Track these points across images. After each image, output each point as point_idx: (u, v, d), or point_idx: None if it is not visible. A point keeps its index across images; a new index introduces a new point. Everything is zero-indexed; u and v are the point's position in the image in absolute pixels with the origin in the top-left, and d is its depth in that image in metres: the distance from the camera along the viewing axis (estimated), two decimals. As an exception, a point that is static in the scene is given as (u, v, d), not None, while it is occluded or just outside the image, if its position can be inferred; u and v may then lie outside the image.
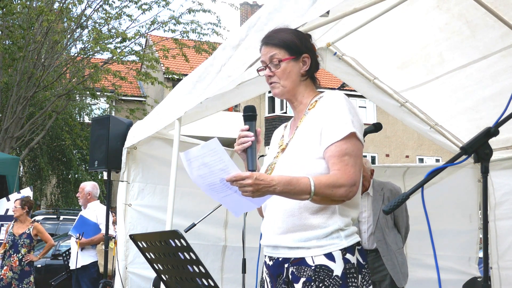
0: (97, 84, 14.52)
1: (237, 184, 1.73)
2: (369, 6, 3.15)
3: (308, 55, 2.03)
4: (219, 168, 1.76)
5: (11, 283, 6.47)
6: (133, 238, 2.03)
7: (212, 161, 1.76)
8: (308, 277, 1.88)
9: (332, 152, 1.88)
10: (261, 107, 24.71)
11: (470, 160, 3.98)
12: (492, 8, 3.46)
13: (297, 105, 2.09)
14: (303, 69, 2.03)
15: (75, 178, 19.03)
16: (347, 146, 1.88)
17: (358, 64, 4.59)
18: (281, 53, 2.01)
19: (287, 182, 1.78)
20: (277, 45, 2.02)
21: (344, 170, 1.86)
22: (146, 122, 4.49)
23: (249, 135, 1.97)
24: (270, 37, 2.05)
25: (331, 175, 1.86)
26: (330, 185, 1.83)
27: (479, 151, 1.69)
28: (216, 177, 1.78)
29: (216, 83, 3.39)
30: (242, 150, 1.97)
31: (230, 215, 5.11)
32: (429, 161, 25.43)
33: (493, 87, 4.20)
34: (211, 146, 1.75)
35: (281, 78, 2.03)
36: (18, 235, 6.61)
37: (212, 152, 1.75)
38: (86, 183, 6.51)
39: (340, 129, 1.89)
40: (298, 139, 2.01)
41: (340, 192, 1.84)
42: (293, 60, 2.01)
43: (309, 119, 2.01)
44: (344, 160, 1.87)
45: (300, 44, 2.02)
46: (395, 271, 4.44)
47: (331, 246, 1.89)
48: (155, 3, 14.20)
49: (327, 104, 1.97)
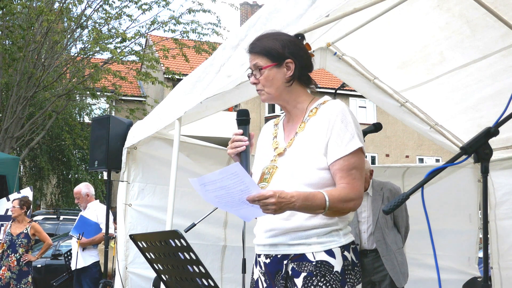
0: (97, 84, 14.52)
1: (260, 203, 1.77)
2: (369, 6, 3.14)
3: (292, 60, 2.02)
4: (239, 189, 1.77)
5: (9, 283, 6.45)
6: (133, 238, 2.03)
7: (231, 184, 1.76)
8: (309, 272, 1.91)
9: (341, 165, 1.94)
10: (261, 107, 24.72)
11: (470, 160, 3.99)
12: (492, 8, 3.46)
13: (290, 109, 2.10)
14: (287, 74, 2.03)
15: (75, 178, 19.05)
16: (355, 160, 1.95)
17: (358, 64, 4.59)
18: (263, 60, 2.03)
19: (305, 198, 1.84)
20: (259, 53, 2.04)
21: (352, 184, 1.93)
22: (146, 122, 4.49)
23: (243, 139, 1.99)
24: (253, 45, 2.07)
25: (341, 190, 1.92)
26: (342, 200, 1.90)
27: (479, 151, 1.69)
28: (235, 197, 1.79)
29: (215, 83, 3.39)
30: (235, 154, 1.99)
31: (229, 215, 5.10)
32: (429, 161, 25.45)
33: (493, 87, 4.20)
34: (231, 171, 1.74)
35: (264, 85, 2.05)
36: (15, 235, 6.59)
37: (232, 176, 1.75)
38: (79, 187, 6.46)
39: (349, 144, 1.94)
40: (299, 147, 2.01)
41: (349, 206, 1.93)
42: (275, 67, 2.02)
43: (311, 127, 2.01)
44: (351, 174, 1.94)
45: (283, 49, 2.01)
46: (394, 271, 4.43)
47: (331, 243, 1.94)
48: (155, 3, 14.21)
49: (332, 116, 1.98)
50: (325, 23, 3.09)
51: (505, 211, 5.06)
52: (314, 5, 2.68)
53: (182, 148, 4.26)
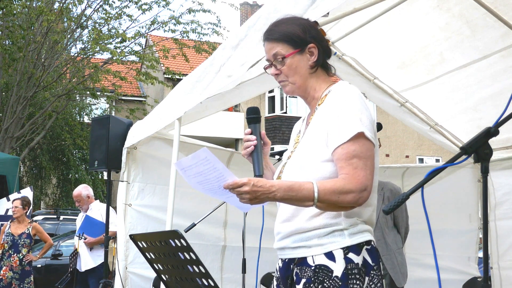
0: (97, 84, 14.53)
1: (234, 191, 1.68)
2: (369, 6, 3.14)
3: (315, 45, 1.88)
4: (214, 176, 1.71)
5: (11, 283, 6.46)
6: (133, 238, 2.03)
7: (206, 170, 1.70)
8: (308, 278, 1.79)
9: (340, 155, 1.75)
10: (261, 107, 24.69)
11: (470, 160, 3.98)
12: (492, 8, 3.46)
13: (310, 100, 1.96)
14: (311, 60, 1.89)
15: (75, 178, 19.05)
16: (355, 148, 1.74)
17: (358, 64, 4.59)
18: (284, 48, 1.86)
19: (288, 188, 1.69)
20: (278, 39, 1.87)
21: (352, 175, 1.73)
22: (146, 122, 4.49)
23: (251, 138, 1.90)
24: (270, 32, 1.91)
25: (337, 180, 1.74)
26: (336, 191, 1.71)
27: (479, 151, 1.69)
28: (214, 184, 1.74)
29: (215, 83, 3.39)
30: (248, 155, 1.91)
31: (229, 215, 5.11)
32: (429, 161, 25.44)
33: (493, 87, 4.20)
34: (202, 156, 1.68)
35: (288, 75, 1.89)
36: (17, 235, 6.60)
37: (204, 161, 1.69)
38: (78, 190, 6.43)
39: (347, 129, 1.75)
40: (306, 140, 1.89)
41: (348, 199, 1.72)
42: (298, 54, 1.87)
43: (318, 117, 1.87)
44: (352, 163, 1.73)
45: (304, 34, 1.86)
46: (394, 270, 4.44)
47: (332, 245, 1.78)
48: (155, 3, 14.20)
49: (334, 100, 1.83)
50: (325, 23, 3.09)
51: (505, 211, 5.06)
52: (314, 5, 2.68)
53: (182, 148, 4.26)
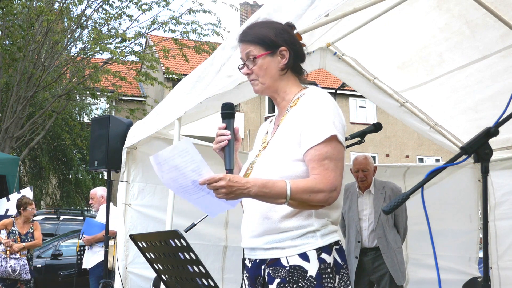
0: (97, 84, 14.53)
1: (211, 186, 1.71)
2: (369, 6, 3.15)
3: (286, 48, 1.95)
4: (190, 169, 1.71)
5: (17, 282, 6.57)
6: (133, 238, 2.03)
7: (183, 162, 1.71)
8: (282, 278, 1.83)
9: (312, 156, 1.82)
10: (261, 107, 24.73)
11: (470, 160, 3.98)
12: (492, 8, 3.46)
13: (280, 101, 2.03)
14: (281, 63, 1.96)
15: (75, 178, 19.06)
16: (327, 150, 1.82)
17: (358, 64, 4.60)
18: (256, 49, 1.95)
19: (262, 184, 1.75)
20: (251, 41, 1.96)
21: (324, 175, 1.80)
22: (146, 122, 4.49)
23: (225, 133, 1.93)
24: (244, 34, 2.00)
25: (309, 180, 1.80)
26: (308, 190, 1.77)
27: (479, 151, 1.69)
28: (188, 179, 1.74)
29: (215, 83, 3.39)
30: (220, 149, 1.95)
31: (231, 215, 5.10)
32: (429, 161, 25.47)
33: (493, 87, 4.20)
34: (182, 147, 1.70)
35: (259, 75, 1.97)
36: (23, 233, 6.75)
37: (183, 153, 1.70)
38: (97, 189, 6.66)
39: (320, 132, 1.83)
40: (278, 139, 1.95)
41: (318, 198, 1.79)
42: (269, 56, 1.95)
43: (290, 118, 1.94)
44: (324, 165, 1.81)
45: (276, 37, 1.95)
46: (394, 269, 4.45)
47: (306, 246, 1.84)
48: (155, 3, 14.20)
49: (308, 103, 1.90)
50: (324, 23, 3.09)
51: (505, 211, 5.06)
52: (313, 4, 2.68)
53: (182, 148, 4.25)
